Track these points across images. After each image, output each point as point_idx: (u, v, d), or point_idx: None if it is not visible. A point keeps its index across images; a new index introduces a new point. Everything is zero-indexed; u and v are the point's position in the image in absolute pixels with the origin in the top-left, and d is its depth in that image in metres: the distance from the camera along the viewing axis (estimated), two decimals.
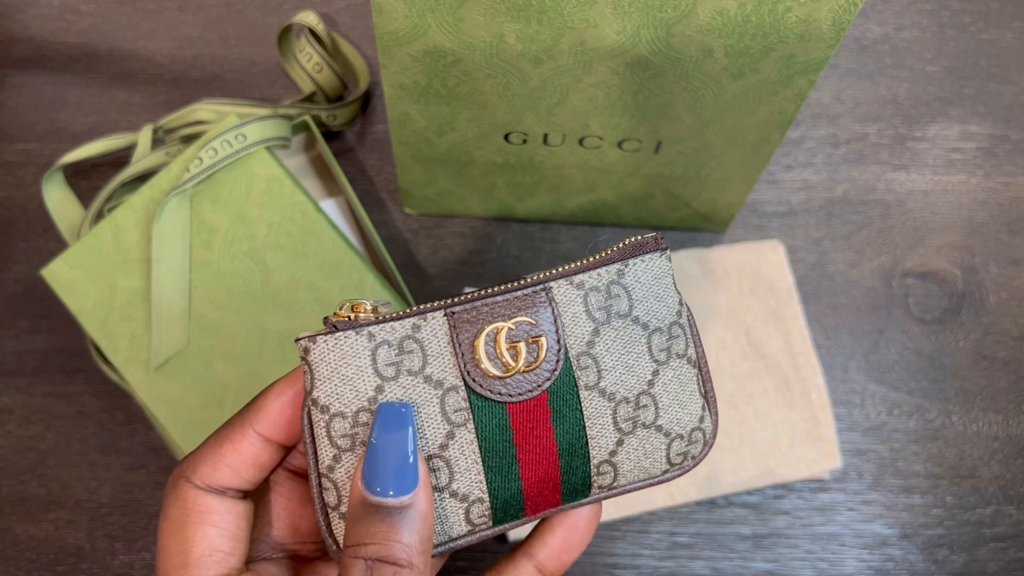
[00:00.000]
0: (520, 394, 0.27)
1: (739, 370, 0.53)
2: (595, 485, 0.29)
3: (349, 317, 0.27)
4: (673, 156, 0.47)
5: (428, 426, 0.27)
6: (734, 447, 0.51)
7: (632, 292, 0.29)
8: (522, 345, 0.27)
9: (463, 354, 0.27)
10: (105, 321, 0.49)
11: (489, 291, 0.28)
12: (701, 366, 0.30)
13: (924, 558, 0.52)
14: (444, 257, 0.56)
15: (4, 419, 0.54)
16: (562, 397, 0.27)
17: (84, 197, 0.56)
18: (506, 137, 0.46)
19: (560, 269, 0.29)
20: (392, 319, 0.27)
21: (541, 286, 0.28)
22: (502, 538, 0.51)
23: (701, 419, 0.30)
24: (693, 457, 0.30)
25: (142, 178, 0.54)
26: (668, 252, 0.30)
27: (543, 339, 0.27)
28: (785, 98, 0.41)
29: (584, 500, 0.29)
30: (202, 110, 0.54)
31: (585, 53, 0.38)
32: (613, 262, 0.29)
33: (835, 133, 0.58)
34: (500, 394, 0.27)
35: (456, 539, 0.28)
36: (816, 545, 0.52)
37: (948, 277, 0.56)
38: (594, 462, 0.28)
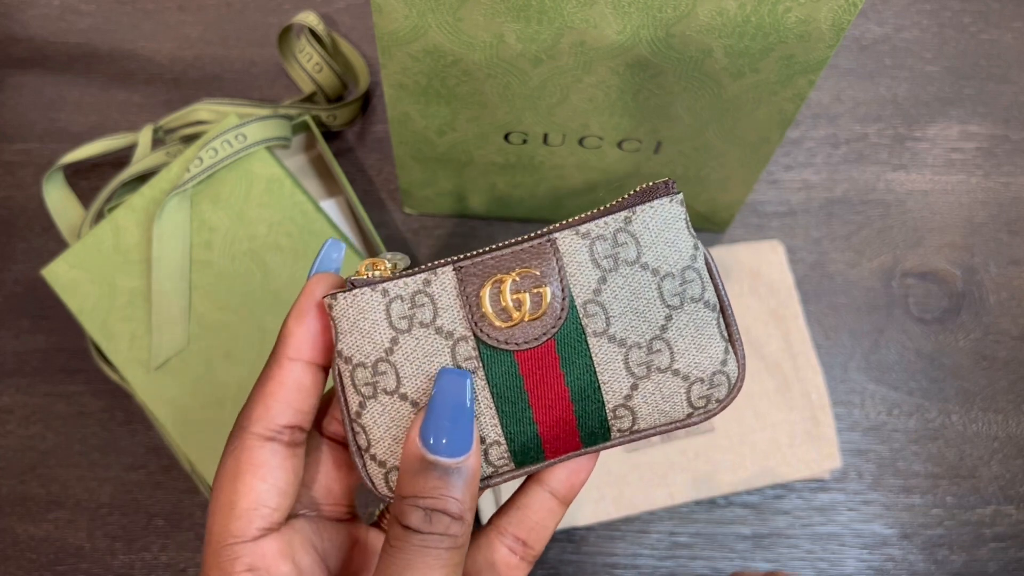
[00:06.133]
0: (527, 342, 0.28)
1: None
2: (614, 428, 0.29)
3: (368, 275, 0.29)
4: (673, 156, 0.47)
5: None
6: (734, 447, 0.51)
7: (640, 239, 0.29)
8: (526, 295, 0.28)
9: (471, 306, 0.29)
10: (105, 321, 0.49)
11: (497, 246, 0.29)
12: (724, 309, 0.30)
13: (924, 558, 0.52)
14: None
15: (4, 419, 0.54)
16: (570, 344, 0.28)
17: (84, 197, 0.56)
18: (506, 137, 0.46)
19: (567, 221, 0.29)
20: (405, 275, 0.29)
21: (546, 238, 0.29)
22: None
23: (723, 362, 0.29)
24: (718, 400, 0.30)
25: (142, 178, 0.54)
26: (680, 196, 0.29)
27: (546, 288, 0.28)
28: (785, 98, 0.41)
29: (607, 443, 0.30)
30: (202, 110, 0.54)
31: (585, 53, 0.38)
32: (620, 210, 0.29)
33: (835, 133, 0.58)
34: (507, 343, 0.28)
35: (482, 479, 0.29)
36: (816, 545, 0.52)
37: (948, 277, 0.56)
38: (609, 406, 0.29)
